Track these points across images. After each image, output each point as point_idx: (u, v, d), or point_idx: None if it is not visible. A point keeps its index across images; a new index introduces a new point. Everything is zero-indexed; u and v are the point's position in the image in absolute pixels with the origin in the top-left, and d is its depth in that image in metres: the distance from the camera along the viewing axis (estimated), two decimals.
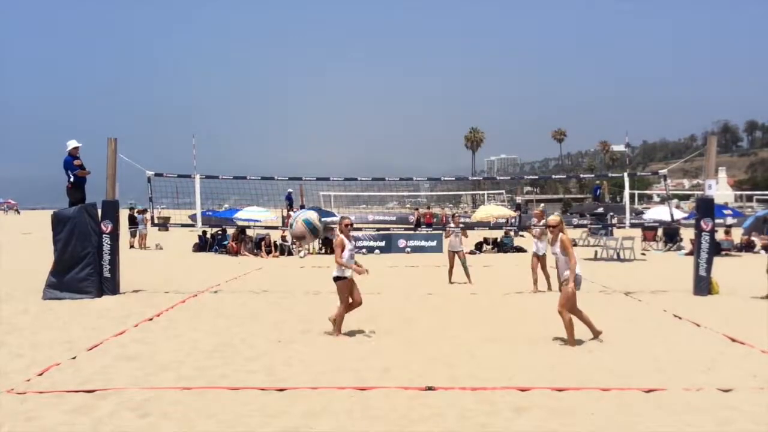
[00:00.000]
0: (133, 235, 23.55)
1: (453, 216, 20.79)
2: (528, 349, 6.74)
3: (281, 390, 5.23)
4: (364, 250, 21.19)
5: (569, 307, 6.82)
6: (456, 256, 12.78)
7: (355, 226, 9.03)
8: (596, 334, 7.10)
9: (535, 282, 11.57)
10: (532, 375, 5.66)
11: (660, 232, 24.62)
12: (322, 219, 7.98)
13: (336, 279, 7.34)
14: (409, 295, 11.04)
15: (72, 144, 10.83)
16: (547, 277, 11.52)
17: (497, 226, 30.84)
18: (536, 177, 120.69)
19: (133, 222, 23.76)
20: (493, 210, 36.34)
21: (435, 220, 32.44)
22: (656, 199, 63.75)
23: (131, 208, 24.59)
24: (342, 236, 7.34)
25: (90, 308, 9.34)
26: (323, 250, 21.75)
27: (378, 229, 26.72)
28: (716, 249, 13.83)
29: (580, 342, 6.91)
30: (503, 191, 56.36)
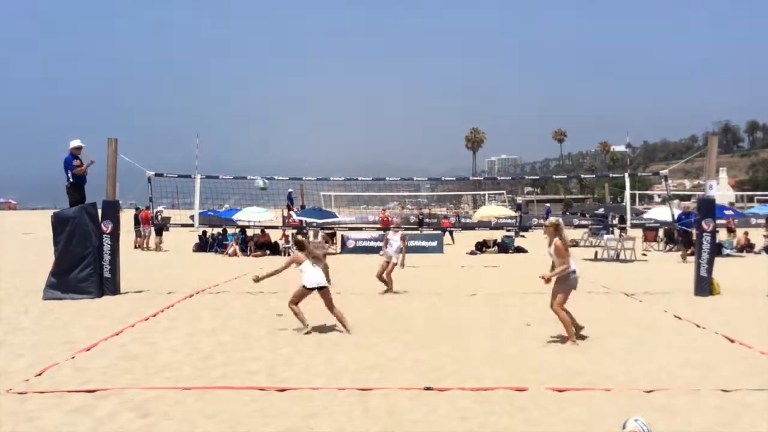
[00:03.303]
0: (138, 235, 23.52)
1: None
2: (528, 349, 6.74)
3: (281, 390, 5.22)
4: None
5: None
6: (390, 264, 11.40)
7: (354, 226, 9.08)
8: (579, 329, 7.15)
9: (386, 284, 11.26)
10: (533, 374, 5.65)
11: (661, 232, 24.60)
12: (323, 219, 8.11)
13: None
14: (413, 295, 11.03)
15: (74, 143, 10.81)
16: (390, 282, 11.24)
17: (498, 227, 30.91)
18: (537, 177, 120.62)
19: (138, 222, 23.68)
20: (494, 210, 36.39)
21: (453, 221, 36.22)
22: (657, 199, 63.75)
23: (137, 208, 24.54)
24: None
25: (90, 308, 9.33)
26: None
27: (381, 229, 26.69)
28: (717, 249, 13.81)
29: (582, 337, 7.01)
30: (504, 191, 56.32)
